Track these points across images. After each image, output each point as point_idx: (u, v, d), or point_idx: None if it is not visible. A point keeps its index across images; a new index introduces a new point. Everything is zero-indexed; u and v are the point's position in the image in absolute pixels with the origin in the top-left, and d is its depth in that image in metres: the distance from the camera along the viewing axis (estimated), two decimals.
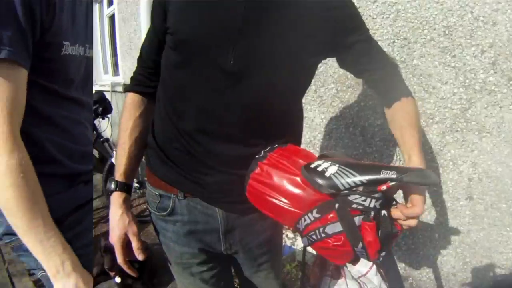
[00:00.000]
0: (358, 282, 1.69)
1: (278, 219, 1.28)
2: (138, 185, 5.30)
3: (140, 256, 1.49)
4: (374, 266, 1.68)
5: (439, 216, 2.76)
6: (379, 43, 2.61)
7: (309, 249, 1.26)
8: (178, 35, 1.30)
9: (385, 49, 2.69)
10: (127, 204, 1.54)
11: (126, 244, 1.50)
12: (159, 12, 1.38)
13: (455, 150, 2.56)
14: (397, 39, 2.68)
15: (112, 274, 3.12)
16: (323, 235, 1.14)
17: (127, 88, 1.58)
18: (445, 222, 2.74)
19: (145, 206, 4.98)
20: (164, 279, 3.82)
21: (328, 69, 3.15)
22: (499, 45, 2.25)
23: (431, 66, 2.54)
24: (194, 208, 1.49)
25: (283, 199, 1.21)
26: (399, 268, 3.02)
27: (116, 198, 1.52)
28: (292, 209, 1.20)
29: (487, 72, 2.32)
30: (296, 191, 1.19)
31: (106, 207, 5.53)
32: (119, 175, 1.53)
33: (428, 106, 2.61)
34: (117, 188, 1.52)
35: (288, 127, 1.53)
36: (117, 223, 1.48)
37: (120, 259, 1.50)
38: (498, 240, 2.53)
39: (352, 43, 1.39)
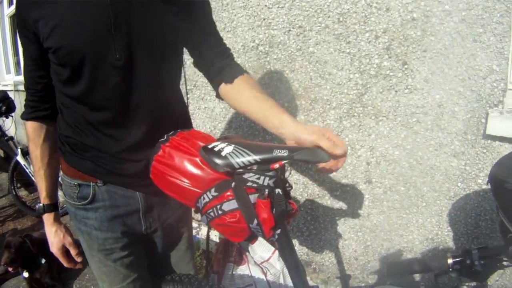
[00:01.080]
0: (261, 267, 1.83)
1: (180, 200, 1.41)
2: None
3: (79, 259, 1.87)
4: (277, 252, 1.82)
5: (340, 200, 2.97)
6: (275, 32, 2.75)
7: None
8: (64, 50, 1.40)
9: (281, 38, 2.87)
10: (58, 221, 1.85)
11: (66, 252, 1.85)
12: (31, 39, 1.48)
13: (353, 134, 2.77)
14: (293, 28, 2.86)
15: (10, 270, 3.27)
16: (220, 212, 1.26)
17: (24, 117, 1.72)
18: (346, 206, 2.96)
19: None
20: (72, 272, 4.03)
21: None
22: (393, 30, 2.47)
23: (327, 53, 2.74)
24: (115, 193, 1.67)
25: (184, 179, 1.33)
26: (302, 254, 3.22)
27: (47, 219, 1.82)
28: (192, 189, 1.32)
29: (382, 57, 2.54)
30: (195, 171, 1.31)
31: (13, 205, 5.92)
32: (43, 198, 1.80)
33: (325, 92, 2.80)
34: (45, 210, 1.81)
35: (184, 114, 1.82)
36: (54, 239, 1.82)
37: (66, 264, 1.88)
38: (398, 223, 2.77)
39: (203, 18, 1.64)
